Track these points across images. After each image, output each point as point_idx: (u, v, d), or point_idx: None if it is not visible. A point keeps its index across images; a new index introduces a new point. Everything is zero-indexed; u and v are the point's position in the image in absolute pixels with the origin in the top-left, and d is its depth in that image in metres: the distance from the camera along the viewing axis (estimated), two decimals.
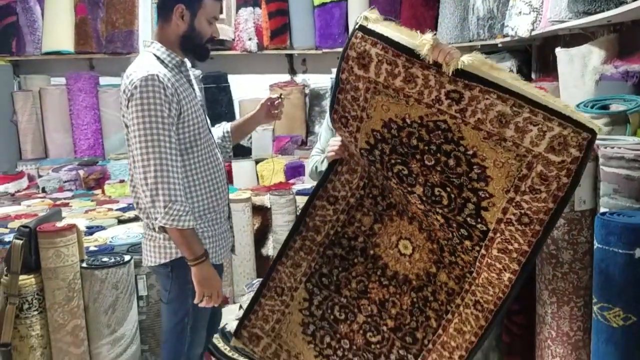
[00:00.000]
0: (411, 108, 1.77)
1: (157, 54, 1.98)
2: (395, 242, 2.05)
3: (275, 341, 2.25)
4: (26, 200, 4.16)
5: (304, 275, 2.19)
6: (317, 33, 5.21)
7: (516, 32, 3.71)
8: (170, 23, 1.99)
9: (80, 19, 5.12)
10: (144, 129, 1.83)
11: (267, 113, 2.32)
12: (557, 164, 1.60)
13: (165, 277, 2.06)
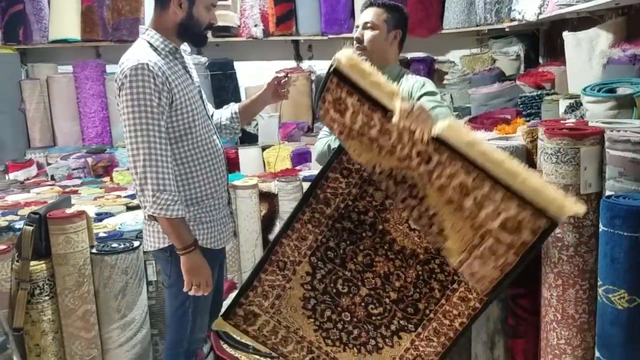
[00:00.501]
0: (383, 158, 1.81)
1: (151, 41, 1.98)
2: (405, 218, 2.03)
3: (273, 317, 2.23)
4: (35, 188, 4.20)
5: (309, 248, 2.16)
6: (323, 19, 5.20)
7: (523, 16, 3.69)
8: (168, 10, 1.99)
9: (87, 7, 5.13)
10: (133, 118, 1.85)
11: (274, 92, 2.31)
12: (506, 243, 1.64)
13: (165, 262, 2.09)
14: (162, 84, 1.88)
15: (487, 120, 3.24)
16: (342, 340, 2.18)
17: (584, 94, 2.23)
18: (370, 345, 2.16)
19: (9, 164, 4.77)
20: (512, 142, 2.37)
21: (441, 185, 1.71)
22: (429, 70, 5.25)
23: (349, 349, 2.18)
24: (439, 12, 5.10)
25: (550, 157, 1.95)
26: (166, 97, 1.90)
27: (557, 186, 1.95)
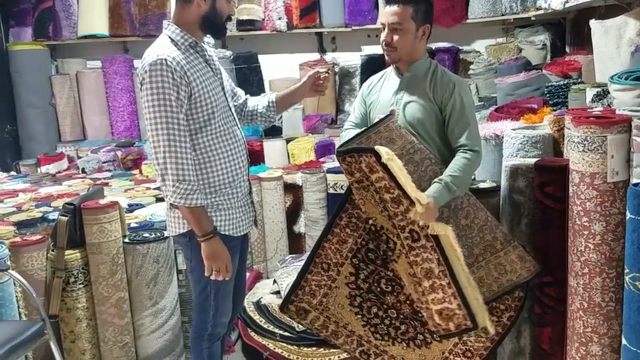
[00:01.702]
0: (381, 216, 2.05)
1: (172, 36, 2.02)
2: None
3: (323, 313, 2.33)
4: (67, 181, 4.30)
5: (349, 251, 2.24)
6: (347, 10, 5.20)
7: (550, 5, 3.66)
8: (192, 4, 2.02)
9: (114, 3, 5.22)
10: (154, 112, 1.91)
11: (312, 87, 2.34)
12: (438, 325, 2.01)
13: (186, 247, 2.15)
14: (180, 78, 1.93)
15: (513, 110, 3.23)
16: (391, 335, 2.27)
17: (611, 82, 2.22)
18: (419, 340, 2.24)
19: (41, 157, 4.89)
20: (539, 132, 2.38)
21: (414, 261, 2.02)
22: (454, 60, 5.22)
23: (397, 343, 2.27)
24: (464, 1, 5.06)
25: (577, 146, 1.95)
26: (185, 90, 1.95)
27: (584, 174, 1.95)
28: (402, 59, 2.20)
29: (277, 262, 3.65)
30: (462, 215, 2.13)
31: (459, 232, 2.08)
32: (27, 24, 5.28)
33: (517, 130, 2.42)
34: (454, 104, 2.13)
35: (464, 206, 2.14)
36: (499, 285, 2.13)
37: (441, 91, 2.16)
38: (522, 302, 2.13)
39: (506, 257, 2.12)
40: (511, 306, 2.15)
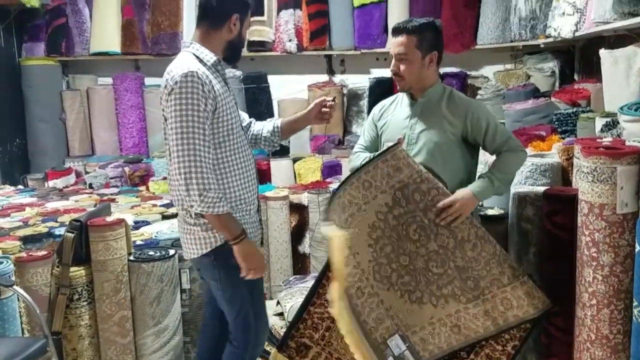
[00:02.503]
0: None
1: (197, 53, 2.06)
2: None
3: (325, 349, 2.26)
4: (74, 196, 4.31)
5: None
6: (356, 34, 5.24)
7: (559, 33, 3.67)
8: (221, 30, 2.07)
9: (127, 21, 5.29)
10: (181, 121, 1.93)
11: (318, 114, 2.36)
12: None
13: (211, 267, 2.12)
14: (208, 92, 1.97)
15: (521, 137, 3.23)
16: (390, 280, 2.16)
17: (621, 112, 2.22)
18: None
19: (48, 171, 4.92)
20: (548, 160, 2.37)
21: None
22: (462, 85, 5.24)
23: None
24: (473, 27, 5.10)
25: (586, 176, 1.95)
26: (211, 104, 1.99)
27: (594, 205, 1.94)
28: (412, 87, 2.24)
29: (281, 282, 3.64)
30: (468, 247, 2.11)
31: (464, 265, 2.10)
32: (40, 40, 5.35)
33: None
34: (481, 122, 2.18)
35: (471, 238, 2.12)
36: (504, 320, 2.10)
37: (463, 114, 2.19)
38: (528, 332, 2.10)
39: (513, 292, 2.08)
40: (516, 336, 2.11)
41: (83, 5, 5.34)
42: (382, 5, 5.17)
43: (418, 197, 2.12)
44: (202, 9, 2.09)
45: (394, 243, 2.15)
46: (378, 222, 2.15)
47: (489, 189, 2.09)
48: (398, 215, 2.15)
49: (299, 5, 5.22)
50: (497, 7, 4.93)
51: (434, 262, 2.13)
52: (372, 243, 2.15)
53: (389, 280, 2.16)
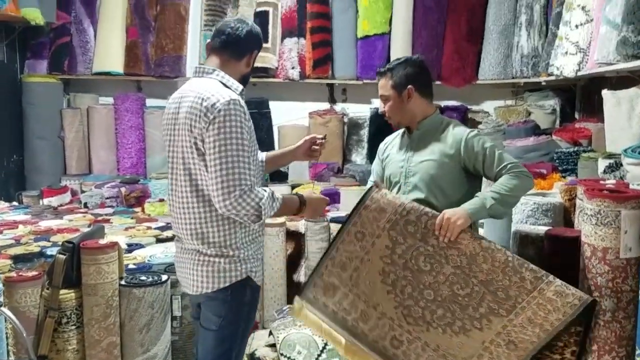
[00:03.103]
0: None
1: (223, 81, 2.03)
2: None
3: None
4: (68, 215, 4.26)
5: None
6: (359, 64, 5.28)
7: (562, 72, 3.69)
8: (240, 62, 2.08)
9: (131, 42, 5.31)
10: (229, 149, 1.88)
11: (306, 151, 2.35)
12: None
13: (222, 303, 2.03)
14: (247, 120, 1.97)
15: None
16: (426, 319, 2.07)
17: (625, 155, 2.20)
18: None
19: (44, 189, 4.88)
20: (550, 199, 2.35)
21: None
22: (462, 119, 5.26)
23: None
24: (474, 62, 5.14)
25: (589, 219, 1.92)
26: (247, 132, 1.97)
27: (597, 248, 1.91)
28: (400, 122, 2.32)
29: (274, 311, 3.57)
30: (480, 260, 2.03)
31: (486, 278, 2.01)
32: (43, 57, 5.37)
33: (528, 197, 2.39)
34: (476, 150, 2.18)
35: (478, 251, 2.03)
36: (551, 324, 1.93)
37: (458, 145, 2.20)
38: (582, 336, 1.93)
39: (542, 296, 1.94)
40: (570, 341, 1.94)
41: (88, 25, 5.37)
42: (385, 37, 5.22)
43: (411, 229, 2.10)
44: (225, 38, 2.05)
45: (412, 282, 2.09)
46: (387, 266, 2.12)
47: (482, 208, 2.06)
48: (402, 253, 2.11)
49: (303, 34, 5.26)
50: (500, 44, 4.98)
51: (457, 285, 2.05)
52: (390, 289, 2.11)
53: (424, 320, 2.08)
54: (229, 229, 1.98)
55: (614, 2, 3.06)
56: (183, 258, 2.08)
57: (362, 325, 2.16)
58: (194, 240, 2.01)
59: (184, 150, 1.95)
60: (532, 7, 4.79)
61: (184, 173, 1.97)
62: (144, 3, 5.32)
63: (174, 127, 2.00)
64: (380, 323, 2.09)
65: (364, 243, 2.15)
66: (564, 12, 3.91)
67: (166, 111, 2.08)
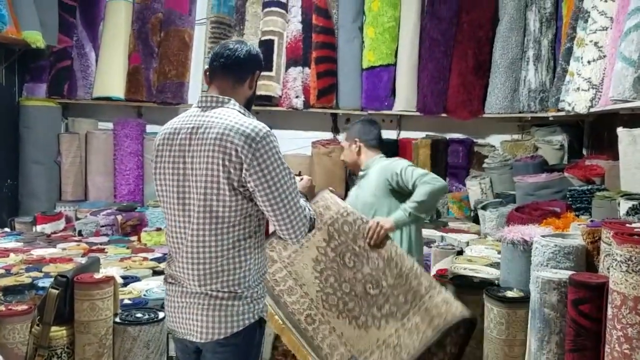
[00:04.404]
0: None
1: (241, 111, 1.89)
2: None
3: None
4: (62, 243, 4.12)
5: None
6: (364, 95, 5.22)
7: (573, 108, 3.61)
8: (244, 85, 1.95)
9: (134, 68, 5.24)
10: (285, 181, 1.81)
11: None
12: None
13: (234, 348, 1.88)
14: None
15: (535, 212, 3.11)
16: (338, 308, 2.45)
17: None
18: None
19: (38, 215, 4.74)
20: (572, 242, 2.24)
21: None
22: (468, 152, 5.19)
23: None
24: (481, 95, 5.08)
25: (619, 265, 1.80)
26: None
27: (627, 297, 1.79)
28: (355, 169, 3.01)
29: None
30: (393, 265, 2.44)
31: (394, 282, 2.41)
32: (42, 81, 5.27)
33: (548, 238, 2.28)
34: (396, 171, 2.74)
35: (393, 256, 2.46)
36: (433, 329, 2.25)
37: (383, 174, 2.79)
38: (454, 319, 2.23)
39: (431, 301, 2.31)
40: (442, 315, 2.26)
41: (90, 49, 5.30)
42: (391, 68, 5.17)
43: (347, 229, 2.52)
44: (225, 60, 1.92)
45: (336, 273, 2.49)
46: (320, 255, 2.51)
47: (403, 217, 2.58)
48: (334, 247, 2.51)
49: (308, 64, 5.20)
50: (507, 78, 4.93)
51: (370, 284, 2.45)
52: (317, 275, 2.49)
53: (337, 308, 2.45)
54: (245, 267, 1.85)
55: (629, 39, 3.00)
56: (185, 303, 1.88)
57: (286, 297, 2.48)
58: (205, 282, 1.84)
59: (207, 185, 1.79)
60: (540, 42, 4.75)
61: (203, 209, 1.80)
62: (147, 29, 5.26)
63: (185, 160, 1.83)
64: (302, 300, 2.46)
65: None
66: (575, 47, 3.86)
67: (166, 142, 1.88)
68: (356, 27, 5.22)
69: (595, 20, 3.55)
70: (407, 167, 2.73)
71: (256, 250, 1.89)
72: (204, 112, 1.86)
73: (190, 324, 1.87)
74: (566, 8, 4.41)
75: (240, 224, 1.82)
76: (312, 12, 5.19)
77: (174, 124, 1.90)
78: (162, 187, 1.89)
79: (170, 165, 1.86)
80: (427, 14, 5.14)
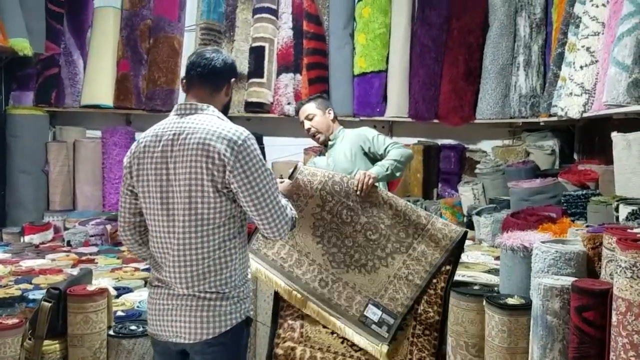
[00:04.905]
0: None
1: (220, 117, 1.96)
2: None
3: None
4: (50, 254, 4.05)
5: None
6: (356, 101, 5.21)
7: (566, 113, 3.62)
8: (220, 93, 2.03)
9: (122, 75, 5.18)
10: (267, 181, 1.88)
11: None
12: None
13: (223, 348, 1.92)
14: None
15: (530, 217, 3.10)
16: (346, 263, 2.64)
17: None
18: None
19: (25, 225, 4.65)
20: (572, 248, 2.22)
21: None
22: (460, 158, 5.19)
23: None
24: (472, 101, 5.09)
25: (624, 271, 1.79)
26: None
27: (633, 303, 1.77)
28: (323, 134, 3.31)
29: None
30: (387, 207, 2.68)
31: (391, 222, 2.66)
32: (29, 89, 5.19)
33: (548, 244, 2.26)
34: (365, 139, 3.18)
35: (386, 200, 2.69)
36: (440, 251, 2.61)
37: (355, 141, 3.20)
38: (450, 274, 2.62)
39: (434, 227, 2.63)
40: (441, 279, 2.61)
41: (78, 57, 5.24)
42: (382, 74, 5.17)
43: (337, 188, 2.69)
44: (201, 70, 1.98)
45: (337, 232, 2.66)
46: (317, 221, 2.67)
47: (382, 171, 2.87)
48: (329, 209, 2.68)
49: (299, 70, 5.18)
50: (497, 83, 4.94)
51: (370, 231, 2.66)
52: (319, 240, 2.65)
53: (345, 264, 2.64)
54: (231, 267, 1.92)
55: (622, 43, 3.01)
56: (172, 305, 1.91)
57: (297, 270, 2.62)
58: (193, 284, 1.88)
59: (191, 189, 1.85)
60: (530, 48, 4.77)
61: (189, 212, 1.86)
62: (136, 35, 5.21)
63: (167, 166, 1.88)
64: (311, 268, 2.62)
65: (298, 203, 2.64)
66: (566, 53, 3.87)
67: (147, 149, 1.91)
68: (347, 34, 5.22)
69: (586, 26, 3.57)
70: (377, 135, 3.19)
71: (241, 250, 1.96)
72: (181, 118, 1.92)
73: (178, 325, 1.90)
74: (556, 14, 4.44)
75: (225, 225, 1.89)
76: (302, 19, 5.18)
77: (154, 131, 1.95)
78: (145, 193, 1.93)
79: (153, 171, 1.90)
80: (417, 20, 5.15)
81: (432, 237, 2.62)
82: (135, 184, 1.94)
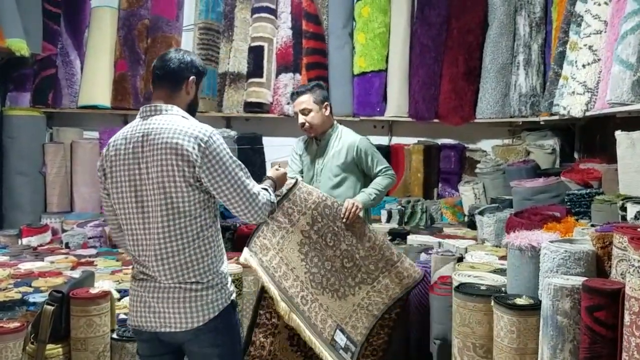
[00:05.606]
0: None
1: (184, 116, 2.03)
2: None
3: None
4: (49, 256, 4.00)
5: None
6: (355, 101, 5.19)
7: (569, 112, 3.61)
8: (180, 92, 2.06)
9: (120, 75, 5.15)
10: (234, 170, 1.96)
11: None
12: None
13: (215, 332, 2.01)
14: None
15: (534, 216, 3.08)
16: (322, 285, 2.74)
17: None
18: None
19: (23, 228, 4.60)
20: (582, 247, 2.20)
21: None
22: (460, 157, 5.18)
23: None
24: (472, 101, 5.08)
25: (637, 271, 1.77)
26: None
27: None
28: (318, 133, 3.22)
29: None
30: (365, 240, 2.87)
31: (365, 254, 2.85)
32: (26, 90, 5.15)
33: (557, 244, 2.24)
34: (362, 154, 3.15)
35: (367, 233, 2.88)
36: (400, 288, 2.87)
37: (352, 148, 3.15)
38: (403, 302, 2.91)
39: (402, 265, 2.88)
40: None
41: (75, 57, 5.20)
42: (382, 74, 5.16)
43: (327, 211, 2.82)
44: (159, 72, 2.04)
45: (319, 253, 2.76)
46: (304, 239, 2.76)
47: (367, 198, 2.99)
48: (317, 229, 2.78)
49: (299, 70, 5.16)
50: (497, 83, 4.94)
51: (346, 259, 2.82)
52: (303, 257, 2.73)
53: (322, 285, 2.73)
54: (211, 254, 2.00)
55: (626, 42, 3.00)
56: (159, 297, 1.97)
57: (285, 282, 2.66)
58: (177, 274, 1.95)
59: (165, 185, 1.92)
60: (530, 47, 4.76)
61: (165, 207, 1.93)
62: (134, 35, 5.17)
63: (139, 166, 1.95)
64: (295, 283, 2.68)
65: (291, 217, 2.75)
66: (568, 51, 3.86)
67: (118, 152, 1.98)
68: (346, 33, 5.20)
69: (589, 24, 3.55)
70: (373, 152, 3.20)
71: (216, 238, 2.04)
72: (145, 120, 1.98)
73: (166, 316, 1.96)
74: (556, 12, 4.43)
75: (200, 216, 1.97)
76: (302, 18, 5.16)
77: (123, 134, 2.02)
78: (119, 194, 1.99)
79: (125, 172, 1.97)
80: (417, 19, 5.14)
81: (397, 274, 2.87)
82: (108, 185, 2.02)
